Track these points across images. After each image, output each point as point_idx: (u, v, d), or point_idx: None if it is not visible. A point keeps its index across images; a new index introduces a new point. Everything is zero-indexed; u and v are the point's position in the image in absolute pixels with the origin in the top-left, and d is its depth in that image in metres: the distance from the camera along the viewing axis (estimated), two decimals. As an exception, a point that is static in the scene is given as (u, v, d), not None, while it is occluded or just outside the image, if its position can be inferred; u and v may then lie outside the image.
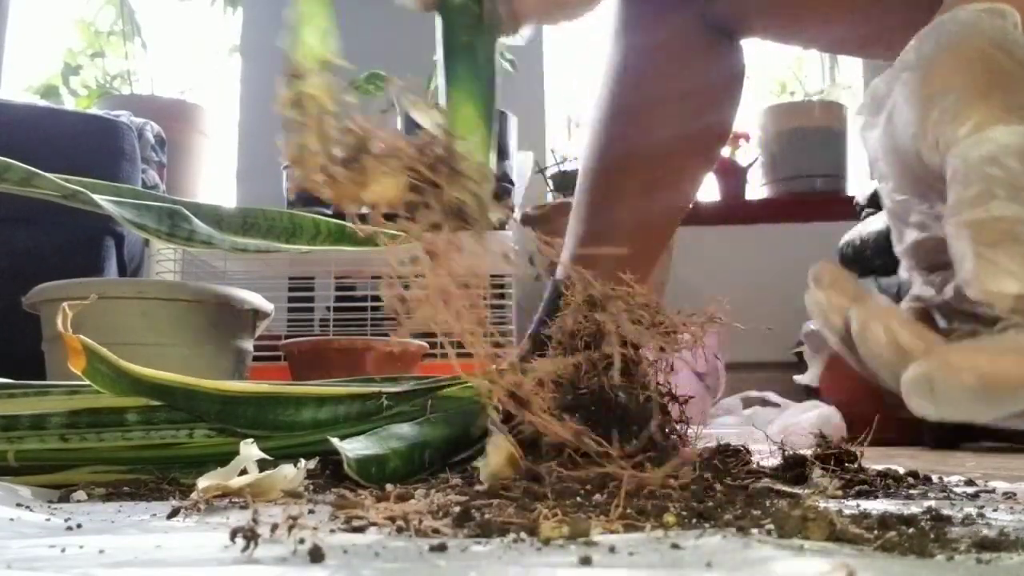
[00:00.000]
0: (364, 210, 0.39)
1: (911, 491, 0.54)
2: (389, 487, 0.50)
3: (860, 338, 0.32)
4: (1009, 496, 0.52)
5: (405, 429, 0.60)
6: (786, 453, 0.58)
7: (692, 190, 0.89)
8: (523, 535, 0.34)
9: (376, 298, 2.14)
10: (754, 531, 0.35)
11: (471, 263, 0.41)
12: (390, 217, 0.41)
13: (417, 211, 0.40)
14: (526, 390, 0.46)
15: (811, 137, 2.58)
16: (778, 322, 2.38)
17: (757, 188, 2.69)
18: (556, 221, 1.96)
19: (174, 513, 0.43)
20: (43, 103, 2.51)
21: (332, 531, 0.36)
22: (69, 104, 2.67)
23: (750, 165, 2.65)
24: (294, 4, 0.39)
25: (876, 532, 0.33)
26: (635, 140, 0.83)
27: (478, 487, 0.47)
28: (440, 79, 0.47)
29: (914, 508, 0.42)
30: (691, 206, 0.91)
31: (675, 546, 0.32)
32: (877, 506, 0.46)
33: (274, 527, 0.32)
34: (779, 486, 0.50)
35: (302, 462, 0.50)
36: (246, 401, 0.60)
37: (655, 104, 0.83)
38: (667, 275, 1.91)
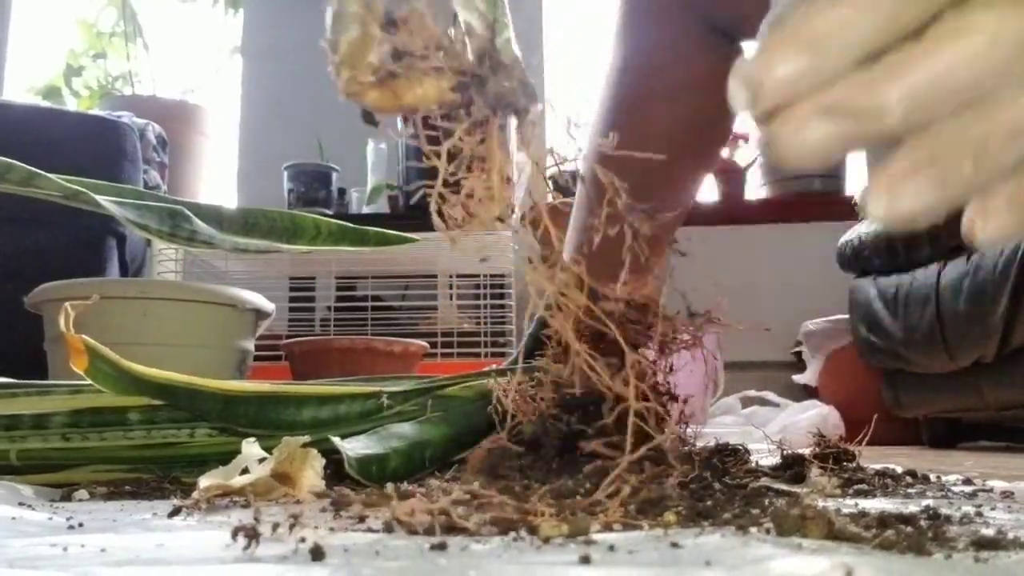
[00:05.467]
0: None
1: (909, 490, 0.54)
2: (390, 486, 0.50)
3: None
4: (1007, 495, 0.53)
5: (405, 428, 0.61)
6: (784, 452, 0.58)
7: (692, 191, 0.90)
8: (523, 534, 0.34)
9: (376, 298, 2.14)
10: (753, 530, 0.35)
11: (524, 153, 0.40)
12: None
13: (458, 111, 0.39)
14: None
15: (811, 137, 2.58)
16: (777, 322, 2.38)
17: (756, 188, 2.69)
18: (556, 221, 1.95)
19: (176, 512, 0.43)
20: (45, 104, 2.51)
21: (333, 530, 0.36)
22: (71, 105, 2.68)
23: (749, 165, 2.65)
24: None
25: (874, 531, 0.33)
26: (636, 141, 0.84)
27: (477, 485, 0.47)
28: None
29: (912, 507, 0.42)
30: (691, 207, 0.91)
31: (674, 545, 0.32)
32: (875, 505, 0.46)
33: (275, 526, 0.32)
34: (778, 485, 0.51)
35: (320, 461, 0.50)
36: (247, 400, 0.60)
37: (656, 104, 0.83)
38: (666, 276, 1.90)
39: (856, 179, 2.66)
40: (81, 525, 0.40)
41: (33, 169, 0.62)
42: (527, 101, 0.40)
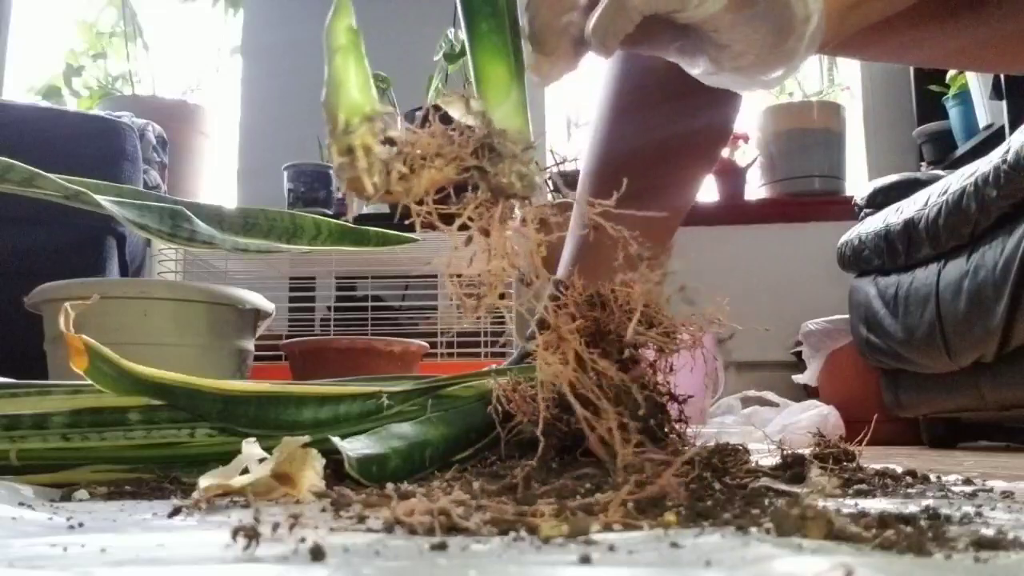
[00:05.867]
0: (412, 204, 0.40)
1: (909, 490, 0.54)
2: (390, 486, 0.50)
3: None
4: (1007, 495, 0.53)
5: (405, 428, 0.61)
6: (784, 452, 0.58)
7: (693, 191, 0.90)
8: (523, 534, 0.34)
9: (377, 298, 2.14)
10: (753, 530, 0.35)
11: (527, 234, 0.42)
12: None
13: (464, 193, 0.41)
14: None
15: (810, 138, 2.59)
16: (777, 322, 2.38)
17: (756, 188, 2.69)
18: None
19: (176, 512, 0.43)
20: (45, 104, 2.51)
21: (333, 530, 0.36)
22: (71, 105, 2.68)
23: (749, 166, 2.65)
24: (329, 61, 0.39)
25: (874, 531, 0.33)
26: (636, 141, 0.84)
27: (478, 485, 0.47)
28: (465, 40, 0.46)
29: (912, 507, 0.42)
30: (691, 207, 0.91)
31: (674, 545, 0.32)
32: (875, 505, 0.46)
33: (275, 526, 0.32)
34: (778, 485, 0.50)
35: (320, 461, 0.50)
36: (247, 400, 0.60)
37: (656, 105, 0.83)
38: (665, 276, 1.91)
39: (855, 179, 2.67)
40: (81, 525, 0.40)
41: (33, 169, 0.62)
42: (525, 191, 0.41)
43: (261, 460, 0.49)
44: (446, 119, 0.41)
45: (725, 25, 0.45)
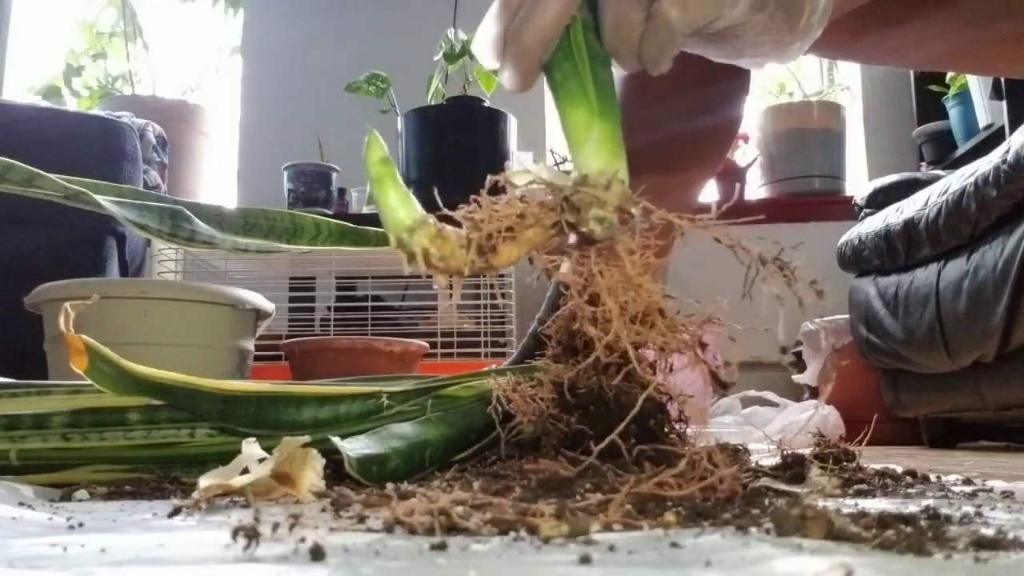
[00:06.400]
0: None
1: (909, 490, 0.54)
2: (390, 486, 0.50)
3: None
4: (1007, 495, 0.53)
5: (406, 428, 0.61)
6: (784, 452, 0.58)
7: (696, 192, 0.90)
8: (523, 534, 0.34)
9: (376, 298, 2.14)
10: (753, 530, 0.35)
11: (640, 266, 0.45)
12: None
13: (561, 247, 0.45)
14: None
15: (810, 138, 2.59)
16: (777, 322, 2.37)
17: (756, 188, 2.69)
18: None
19: (176, 512, 0.43)
20: (45, 104, 2.52)
21: (333, 530, 0.36)
22: (71, 105, 2.68)
23: (749, 165, 2.65)
24: (370, 189, 0.44)
25: (874, 531, 0.33)
26: (640, 142, 0.84)
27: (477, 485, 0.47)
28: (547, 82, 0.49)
29: (912, 507, 0.42)
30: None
31: (674, 544, 0.32)
32: (875, 505, 0.46)
33: (275, 526, 0.32)
34: (778, 485, 0.51)
35: (320, 461, 0.50)
36: (247, 400, 0.60)
37: (660, 106, 0.83)
38: (665, 275, 1.91)
39: (855, 179, 2.66)
40: (81, 525, 0.40)
41: (34, 169, 0.62)
42: (605, 233, 0.45)
43: (261, 460, 0.49)
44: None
45: (754, 22, 0.47)
